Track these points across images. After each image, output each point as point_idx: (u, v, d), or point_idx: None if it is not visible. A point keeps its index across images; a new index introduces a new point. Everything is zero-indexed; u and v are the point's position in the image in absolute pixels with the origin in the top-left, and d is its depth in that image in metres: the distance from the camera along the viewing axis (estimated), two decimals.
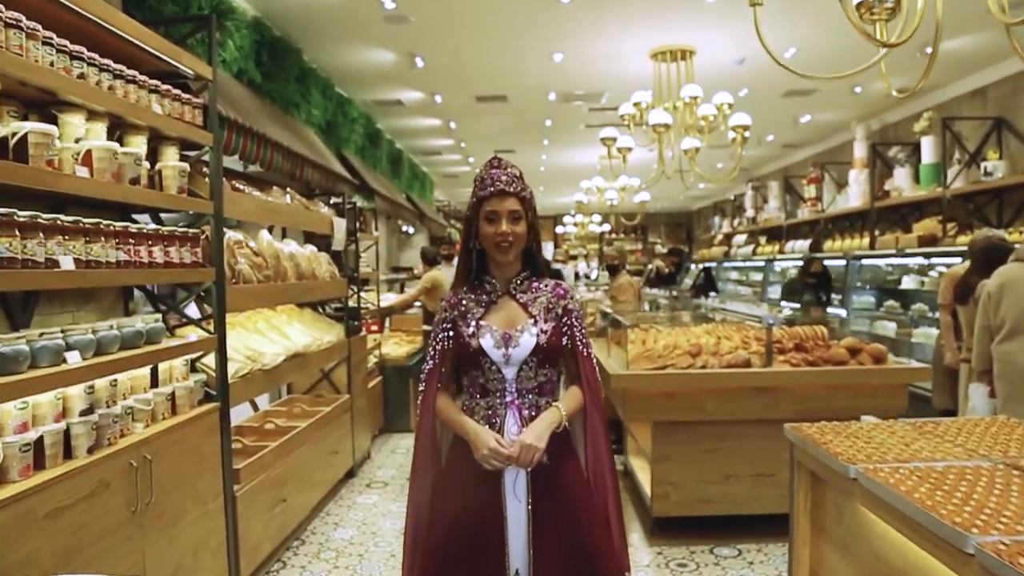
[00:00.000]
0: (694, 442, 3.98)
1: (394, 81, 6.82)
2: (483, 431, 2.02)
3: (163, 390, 2.83)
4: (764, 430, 3.97)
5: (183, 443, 2.86)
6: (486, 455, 1.97)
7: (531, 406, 2.09)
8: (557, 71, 6.59)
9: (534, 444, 1.96)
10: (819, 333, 4.48)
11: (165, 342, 2.90)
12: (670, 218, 20.67)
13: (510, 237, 2.05)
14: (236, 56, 4.25)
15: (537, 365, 2.09)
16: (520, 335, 2.07)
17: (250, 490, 3.44)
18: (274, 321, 4.39)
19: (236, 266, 3.43)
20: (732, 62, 6.27)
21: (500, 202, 2.06)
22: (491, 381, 2.09)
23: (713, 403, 3.88)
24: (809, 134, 10.04)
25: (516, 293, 2.15)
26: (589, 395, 2.14)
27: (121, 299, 3.17)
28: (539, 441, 1.98)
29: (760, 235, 11.92)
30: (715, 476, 4.01)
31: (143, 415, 2.68)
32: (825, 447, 2.21)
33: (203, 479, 3.01)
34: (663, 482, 4.02)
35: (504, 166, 2.10)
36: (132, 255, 2.61)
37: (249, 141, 3.75)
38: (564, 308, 2.15)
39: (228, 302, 3.28)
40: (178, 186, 2.88)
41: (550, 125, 9.28)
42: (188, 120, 2.99)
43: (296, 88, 5.31)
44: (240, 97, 4.09)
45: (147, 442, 2.58)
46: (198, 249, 3.05)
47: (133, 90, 2.63)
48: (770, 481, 4.00)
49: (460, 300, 2.17)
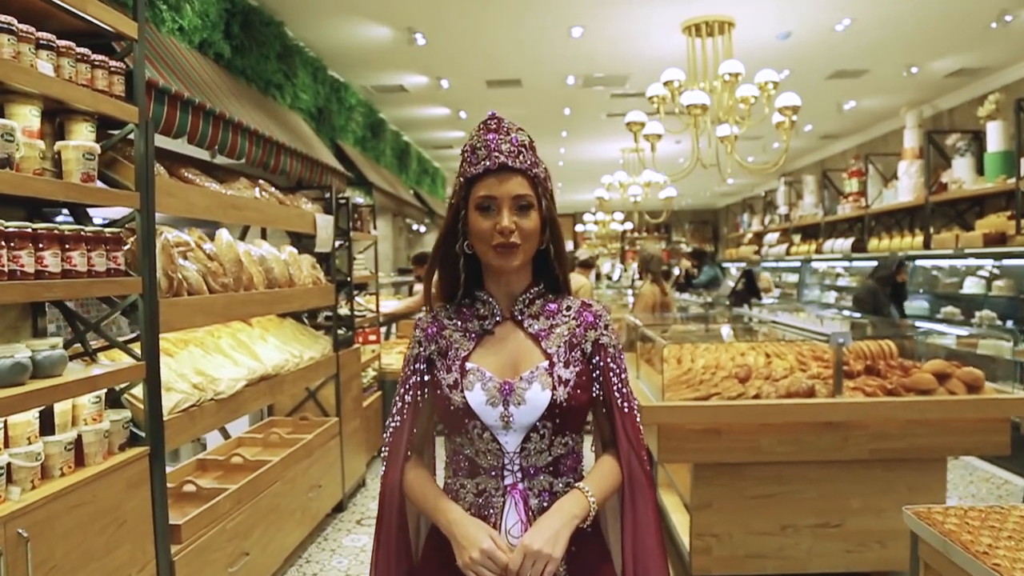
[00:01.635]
0: (743, 486, 3.27)
1: (394, 63, 6.14)
2: (472, 524, 1.35)
3: (61, 437, 2.17)
4: (829, 472, 3.26)
5: (91, 504, 2.19)
6: (474, 561, 1.29)
7: (543, 492, 1.41)
8: (576, 49, 5.87)
9: (543, 551, 1.28)
10: (888, 350, 3.74)
11: (71, 374, 2.24)
12: (695, 216, 19.83)
13: (515, 235, 1.37)
14: (196, 24, 3.59)
15: (553, 432, 1.40)
16: (527, 387, 1.38)
17: (197, 548, 2.78)
18: (242, 336, 3.73)
19: (178, 274, 2.76)
20: (774, 37, 5.51)
21: (500, 183, 1.38)
22: (483, 454, 1.41)
23: (768, 440, 3.16)
24: (852, 123, 9.22)
25: (523, 319, 1.46)
26: (631, 470, 1.44)
27: (28, 316, 2.51)
28: (552, 546, 1.29)
29: (794, 233, 11.11)
30: (768, 526, 3.29)
31: (26, 474, 2.03)
32: (983, 561, 1.48)
33: (123, 547, 2.35)
34: (704, 534, 3.30)
35: (505, 129, 1.42)
36: (13, 263, 1.95)
37: (201, 121, 3.08)
38: (595, 343, 1.46)
39: (166, 319, 2.63)
40: (83, 172, 2.21)
41: (569, 114, 8.55)
42: (102, 89, 2.33)
43: (278, 67, 4.65)
44: (197, 70, 3.43)
45: (22, 513, 1.92)
46: (118, 254, 2.39)
47: (7, 41, 1.97)
48: (836, 533, 3.28)
49: (441, 328, 1.48)
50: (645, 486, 1.45)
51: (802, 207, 10.99)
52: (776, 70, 5.60)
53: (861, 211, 8.86)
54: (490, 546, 1.29)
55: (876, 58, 6.19)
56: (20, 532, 1.90)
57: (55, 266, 2.10)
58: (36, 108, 2.14)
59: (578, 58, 6.12)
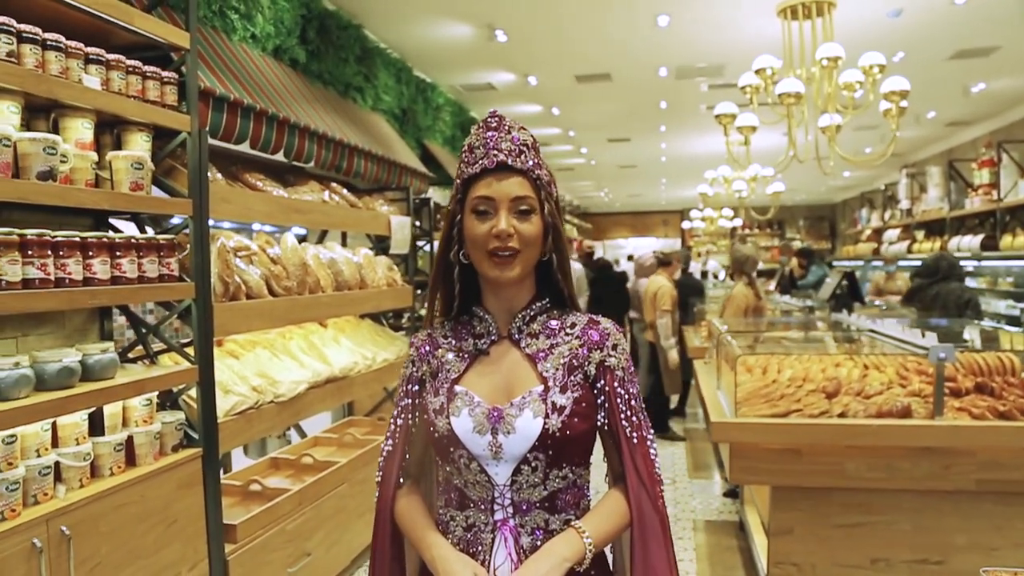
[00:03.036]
0: (828, 513, 2.97)
1: (478, 61, 6.09)
2: (457, 562, 1.23)
3: (110, 438, 2.23)
4: (928, 502, 2.90)
5: (138, 504, 2.25)
6: None
7: (536, 530, 1.27)
8: (665, 40, 5.60)
9: None
10: (1009, 364, 3.30)
11: (125, 376, 2.30)
12: (810, 211, 18.76)
13: (513, 240, 1.24)
14: (269, 31, 3.65)
15: (547, 465, 1.26)
16: (518, 414, 1.25)
17: (254, 548, 2.82)
18: (314, 338, 3.78)
19: (236, 278, 2.81)
20: (884, 15, 5.03)
21: (498, 183, 1.25)
22: (471, 486, 1.29)
23: (855, 465, 2.85)
24: (981, 107, 8.37)
25: (520, 338, 1.33)
26: (641, 509, 1.28)
27: (95, 320, 2.62)
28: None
29: (916, 230, 10.24)
30: (857, 559, 2.97)
31: (74, 473, 2.09)
32: None
33: (172, 546, 2.40)
34: (783, 562, 3.03)
35: (506, 127, 1.29)
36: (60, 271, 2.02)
37: (264, 127, 3.12)
38: (600, 365, 1.31)
39: (221, 323, 2.67)
40: (132, 182, 2.26)
41: (665, 108, 8.24)
42: (153, 99, 2.38)
43: (357, 69, 4.69)
44: (268, 77, 3.49)
45: (64, 512, 1.98)
46: (171, 260, 2.44)
47: (54, 58, 2.03)
48: (938, 571, 2.92)
49: (435, 347, 1.37)
50: (658, 528, 1.28)
51: (926, 201, 10.11)
52: (887, 53, 5.13)
53: (993, 205, 8.01)
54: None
55: (1007, 33, 5.53)
56: (63, 530, 1.96)
57: (104, 273, 2.15)
58: (88, 121, 2.21)
59: (668, 48, 5.85)
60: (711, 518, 4.50)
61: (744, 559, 3.84)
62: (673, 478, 5.31)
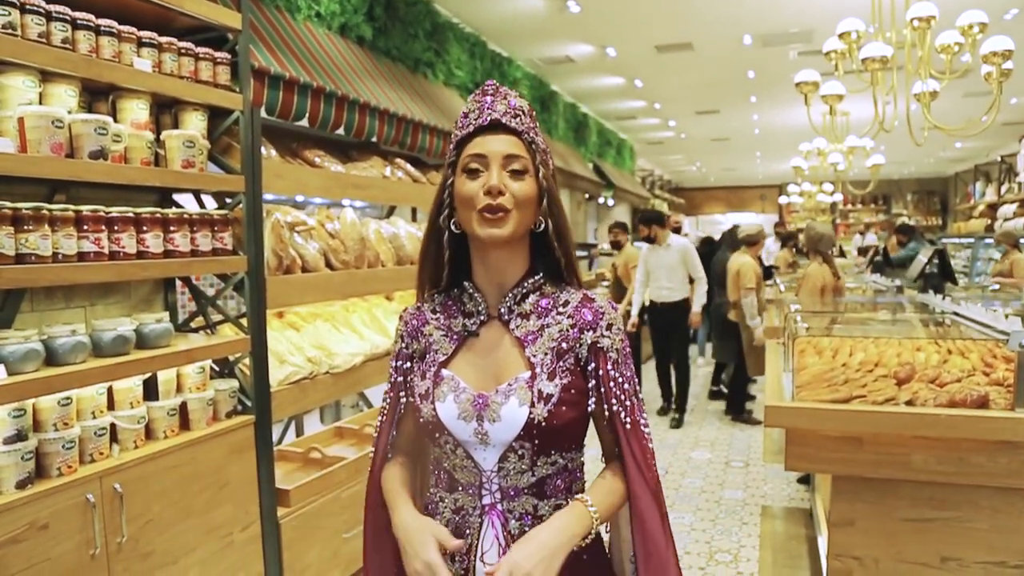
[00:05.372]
0: (894, 507, 2.79)
1: (554, 33, 6.00)
2: (418, 531, 1.22)
3: (164, 403, 2.36)
4: (1009, 500, 2.68)
5: (190, 465, 2.38)
6: (418, 573, 1.18)
7: (524, 515, 1.24)
8: (746, 5, 5.33)
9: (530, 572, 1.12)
10: None
11: (181, 344, 2.43)
12: (920, 185, 17.55)
13: (504, 198, 1.19)
14: (334, 9, 3.72)
15: (535, 452, 1.22)
16: (503, 401, 1.21)
17: (307, 513, 2.93)
18: (377, 312, 3.87)
19: (290, 251, 2.89)
20: None
21: (489, 141, 1.21)
22: (459, 470, 1.27)
23: (923, 457, 2.66)
24: None
25: (511, 319, 1.28)
26: (638, 496, 1.24)
27: (160, 290, 2.77)
28: (544, 570, 1.12)
29: None
30: (925, 556, 2.79)
31: (129, 435, 2.23)
32: None
33: (224, 507, 2.53)
34: (844, 555, 2.88)
35: (503, 93, 1.25)
36: (114, 244, 2.14)
37: (323, 104, 3.19)
38: (592, 347, 1.25)
39: (274, 295, 2.77)
40: (183, 159, 2.36)
41: (753, 77, 7.88)
42: (206, 80, 2.47)
43: (427, 45, 4.71)
44: (331, 54, 3.55)
45: (117, 471, 2.12)
46: (224, 234, 2.55)
47: (107, 43, 2.13)
48: (1016, 575, 2.71)
49: (424, 323, 1.35)
50: (655, 513, 1.24)
51: None
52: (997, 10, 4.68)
53: None
54: (433, 556, 1.17)
55: None
56: (116, 487, 2.10)
57: (156, 247, 2.27)
58: (143, 102, 2.31)
59: (750, 14, 5.57)
60: (783, 504, 4.34)
61: (810, 549, 3.69)
62: (747, 461, 5.15)
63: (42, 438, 1.95)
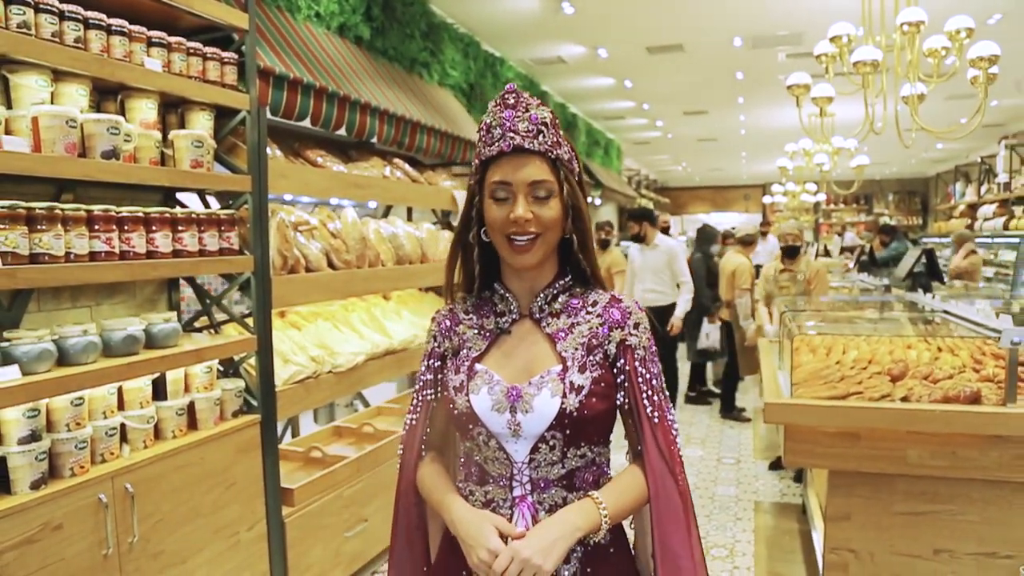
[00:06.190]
0: (889, 501, 2.86)
1: (547, 34, 6.03)
2: (475, 522, 1.24)
3: (173, 403, 2.37)
4: (1000, 493, 2.75)
5: (199, 465, 2.39)
6: (483, 561, 1.19)
7: (555, 507, 1.28)
8: (738, 8, 5.40)
9: (533, 561, 1.15)
10: None
11: (188, 344, 2.44)
12: (900, 185, 17.79)
13: (532, 227, 1.23)
14: (333, 9, 3.72)
15: (565, 443, 1.26)
16: (536, 393, 1.25)
17: (311, 512, 2.95)
18: (376, 311, 3.88)
19: (295, 251, 2.91)
20: None
21: (515, 168, 1.24)
22: (491, 462, 1.31)
23: (918, 452, 2.73)
24: None
25: (542, 318, 1.33)
26: (662, 488, 1.27)
27: (164, 290, 2.77)
28: (543, 557, 1.16)
29: (1015, 205, 9.57)
30: (918, 548, 2.86)
31: (138, 435, 2.24)
32: None
33: (231, 506, 2.54)
34: (840, 548, 2.94)
35: (524, 104, 1.26)
36: (124, 244, 2.14)
37: (325, 104, 3.20)
38: (621, 344, 1.30)
39: (279, 295, 2.78)
40: (191, 159, 2.37)
41: (742, 79, 7.97)
42: (213, 80, 2.48)
43: (423, 45, 4.72)
44: (331, 54, 3.56)
45: (128, 470, 2.13)
46: (231, 234, 2.56)
47: (118, 43, 2.14)
48: (1007, 565, 2.78)
49: (456, 323, 1.39)
50: (679, 509, 1.28)
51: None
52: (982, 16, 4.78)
53: None
54: (496, 543, 1.20)
55: None
56: (127, 487, 2.11)
57: (165, 246, 2.28)
58: (151, 101, 2.32)
59: (741, 17, 5.64)
60: (774, 500, 4.41)
61: (804, 543, 3.76)
62: (738, 458, 5.22)
63: (55, 438, 1.96)
